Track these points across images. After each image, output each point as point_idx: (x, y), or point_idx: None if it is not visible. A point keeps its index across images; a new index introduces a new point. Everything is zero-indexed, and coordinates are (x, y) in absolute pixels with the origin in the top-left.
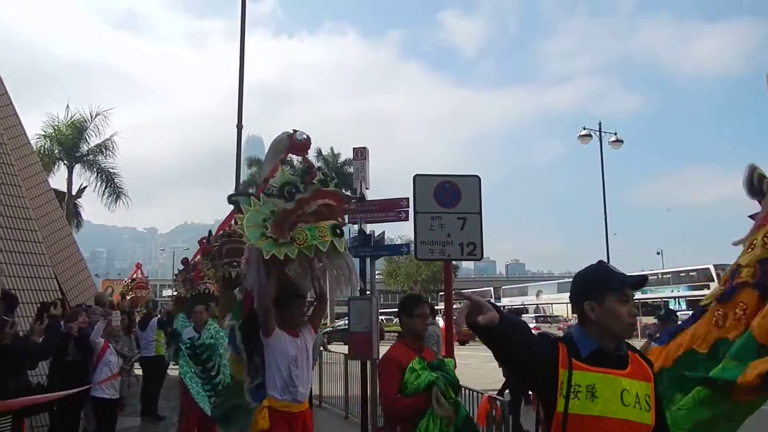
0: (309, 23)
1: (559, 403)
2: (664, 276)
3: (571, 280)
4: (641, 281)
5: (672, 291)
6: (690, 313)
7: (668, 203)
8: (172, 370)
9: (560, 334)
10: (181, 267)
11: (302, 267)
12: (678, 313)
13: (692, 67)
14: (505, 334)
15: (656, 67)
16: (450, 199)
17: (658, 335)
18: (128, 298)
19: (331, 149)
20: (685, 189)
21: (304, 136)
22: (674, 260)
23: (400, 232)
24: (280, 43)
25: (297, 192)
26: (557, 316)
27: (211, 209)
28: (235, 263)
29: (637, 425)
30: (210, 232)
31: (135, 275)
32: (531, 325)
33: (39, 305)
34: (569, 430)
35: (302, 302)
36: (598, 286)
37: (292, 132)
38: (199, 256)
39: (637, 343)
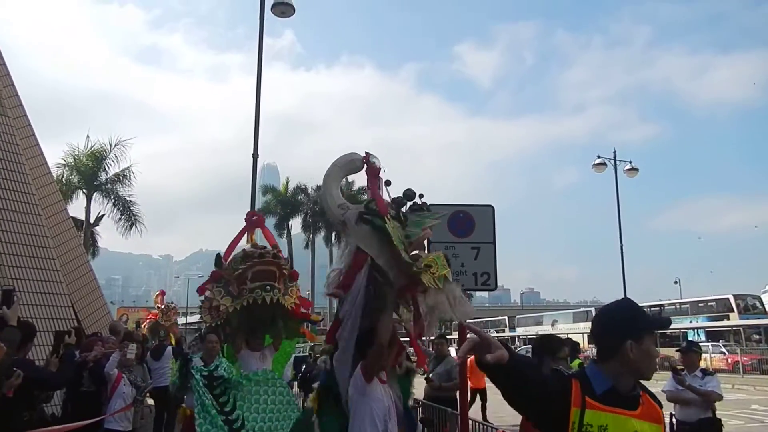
0: (327, 57)
1: None
2: (683, 306)
3: (586, 309)
4: (668, 323)
5: (690, 321)
6: (709, 344)
7: (685, 232)
8: None
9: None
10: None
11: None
12: (700, 345)
13: (708, 96)
14: (515, 372)
15: (672, 96)
16: (464, 228)
17: (683, 369)
18: (165, 324)
19: (346, 178)
20: (703, 218)
21: (377, 162)
22: (692, 290)
23: None
24: (298, 76)
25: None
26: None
27: (225, 236)
28: (268, 287)
29: None
30: (219, 255)
31: (161, 303)
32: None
33: (54, 334)
34: None
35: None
36: (639, 325)
37: (365, 155)
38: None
39: (658, 376)
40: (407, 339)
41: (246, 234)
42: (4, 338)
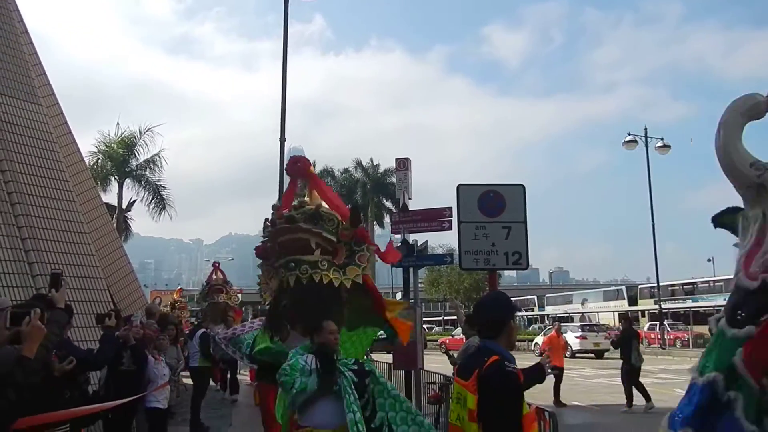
0: (356, 41)
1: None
2: (716, 284)
3: (617, 288)
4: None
5: (724, 299)
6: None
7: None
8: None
9: (606, 342)
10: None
11: None
12: None
13: (742, 73)
14: None
15: (705, 74)
16: (494, 208)
17: None
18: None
19: (371, 160)
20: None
21: None
22: (726, 268)
23: (441, 241)
24: (327, 61)
25: None
26: (603, 325)
27: (254, 220)
28: (292, 264)
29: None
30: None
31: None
32: (577, 334)
33: (96, 316)
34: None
35: None
36: (512, 307)
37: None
38: (215, 275)
39: (691, 352)
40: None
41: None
42: (53, 320)
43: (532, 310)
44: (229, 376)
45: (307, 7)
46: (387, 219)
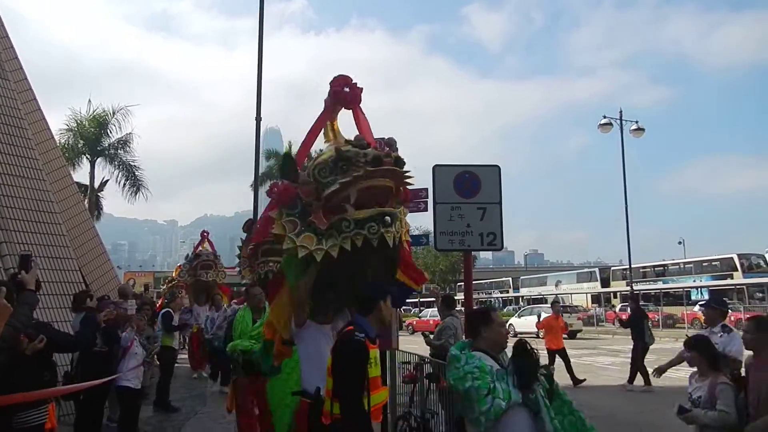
0: (337, 20)
1: None
2: (686, 265)
3: (590, 269)
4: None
5: (694, 280)
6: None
7: (691, 193)
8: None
9: (580, 323)
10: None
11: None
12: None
13: (719, 56)
14: None
15: (683, 57)
16: (470, 189)
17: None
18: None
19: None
20: (709, 179)
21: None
22: (696, 250)
23: (417, 222)
24: (308, 40)
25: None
26: (576, 306)
27: (230, 201)
28: (388, 217)
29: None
30: (289, 156)
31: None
32: (549, 315)
33: (73, 296)
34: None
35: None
36: (383, 291)
37: None
38: (202, 247)
39: (662, 333)
40: None
41: (327, 122)
42: (23, 301)
43: (507, 292)
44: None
45: None
46: None
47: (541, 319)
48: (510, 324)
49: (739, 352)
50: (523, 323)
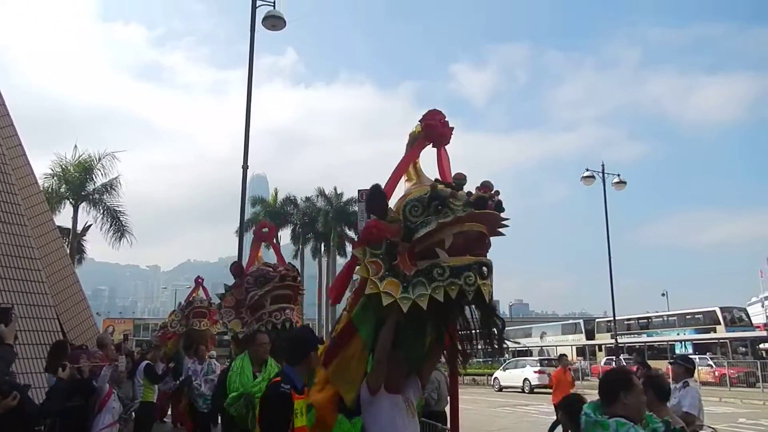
0: (327, 74)
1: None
2: (670, 318)
3: (575, 321)
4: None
5: (678, 333)
6: (696, 356)
7: (671, 245)
8: None
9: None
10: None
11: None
12: (690, 358)
13: (695, 115)
14: None
15: (661, 115)
16: None
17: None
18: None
19: (334, 189)
20: (690, 231)
21: None
22: (679, 302)
23: None
24: (297, 93)
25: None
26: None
27: (214, 247)
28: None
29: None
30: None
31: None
32: (536, 368)
33: (51, 347)
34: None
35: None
36: (313, 343)
37: None
38: (195, 294)
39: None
40: None
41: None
42: (0, 356)
43: None
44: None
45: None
46: (349, 248)
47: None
48: (495, 378)
49: (692, 405)
50: (509, 377)
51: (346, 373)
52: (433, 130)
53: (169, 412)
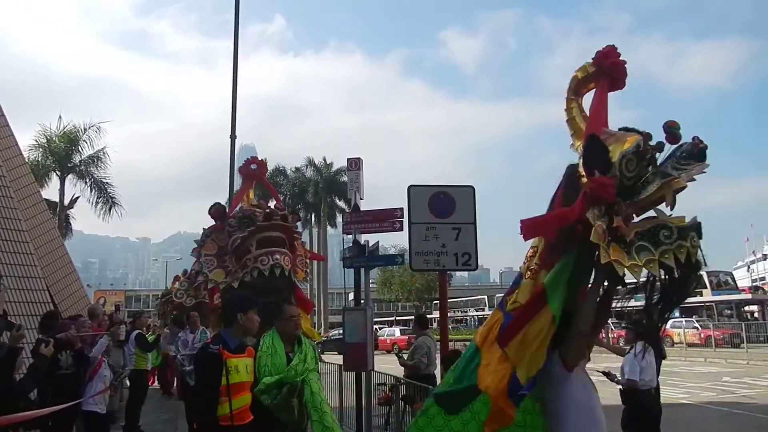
0: (316, 42)
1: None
2: None
3: None
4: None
5: None
6: (683, 319)
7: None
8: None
9: None
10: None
11: None
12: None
13: (683, 81)
14: None
15: (650, 81)
16: (444, 209)
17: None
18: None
19: (324, 159)
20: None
21: None
22: None
23: (393, 241)
24: (285, 61)
25: None
26: None
27: (204, 219)
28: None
29: (250, 383)
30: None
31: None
32: None
33: (41, 318)
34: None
35: None
36: (245, 304)
37: None
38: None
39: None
40: None
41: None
42: None
43: (483, 310)
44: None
45: (267, 6)
46: (339, 219)
47: None
48: None
49: (632, 371)
50: None
51: (529, 350)
52: (618, 68)
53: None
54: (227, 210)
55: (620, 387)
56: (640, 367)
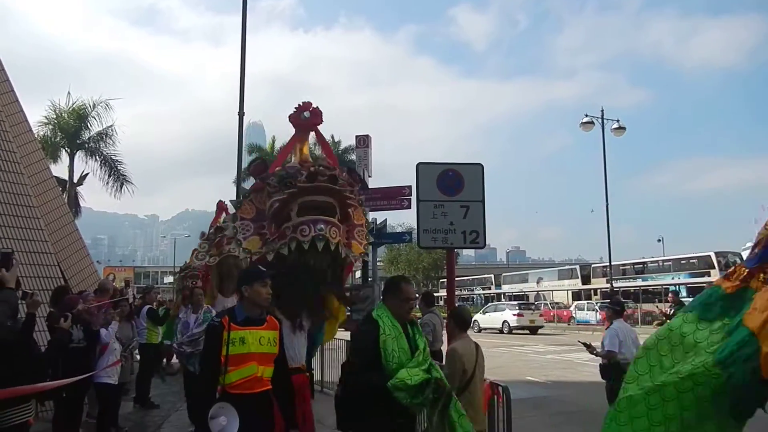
0: (326, 18)
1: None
2: (665, 263)
3: (571, 267)
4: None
5: (673, 278)
6: (690, 299)
7: (669, 193)
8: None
9: (542, 320)
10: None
11: None
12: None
13: (697, 60)
14: None
15: (662, 60)
16: (453, 187)
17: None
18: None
19: (332, 136)
20: (688, 178)
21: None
22: (675, 248)
23: (400, 219)
24: (296, 37)
25: None
26: (557, 303)
27: (213, 196)
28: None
29: (269, 355)
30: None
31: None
32: (514, 312)
33: (53, 292)
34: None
35: None
36: (250, 277)
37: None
38: (219, 221)
39: (640, 329)
40: None
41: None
42: (2, 299)
43: (490, 289)
44: None
45: None
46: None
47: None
48: (475, 320)
49: (612, 344)
50: (489, 319)
51: None
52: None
53: None
54: (267, 168)
55: (601, 362)
56: (619, 340)
